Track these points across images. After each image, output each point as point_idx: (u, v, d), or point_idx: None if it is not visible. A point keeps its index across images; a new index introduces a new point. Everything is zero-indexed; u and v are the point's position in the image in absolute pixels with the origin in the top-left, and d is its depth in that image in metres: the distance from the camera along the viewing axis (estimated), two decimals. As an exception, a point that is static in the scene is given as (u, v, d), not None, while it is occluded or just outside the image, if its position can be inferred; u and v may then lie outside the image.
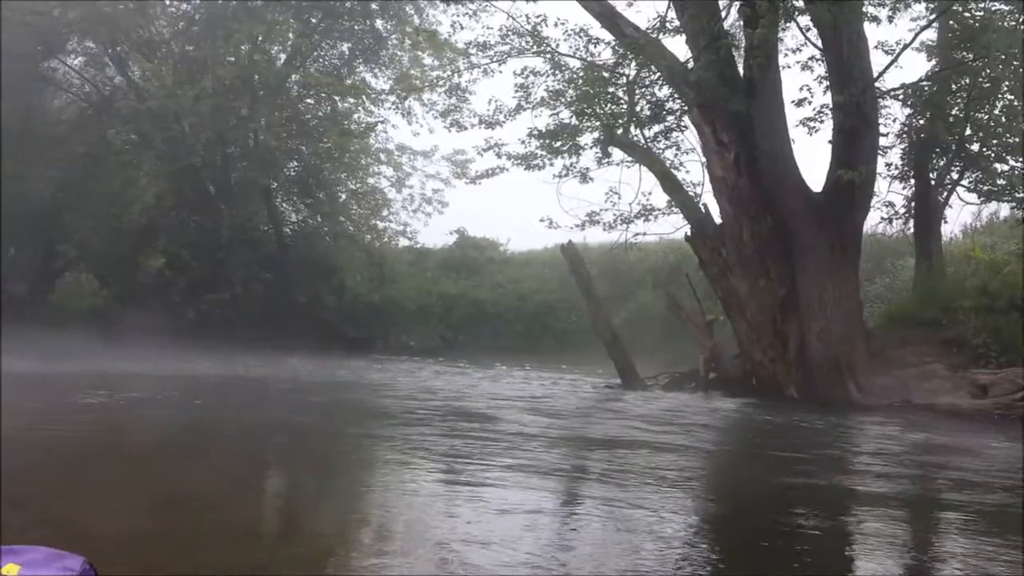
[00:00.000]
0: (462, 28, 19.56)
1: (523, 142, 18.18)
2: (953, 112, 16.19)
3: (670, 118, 17.41)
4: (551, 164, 18.05)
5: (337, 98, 26.47)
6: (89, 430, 7.66)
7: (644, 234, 18.09)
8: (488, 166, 19.42)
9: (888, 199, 16.67)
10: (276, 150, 25.51)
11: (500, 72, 19.31)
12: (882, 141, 15.40)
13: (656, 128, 17.51)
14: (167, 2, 25.63)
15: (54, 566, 1.44)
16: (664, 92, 17.30)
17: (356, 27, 26.01)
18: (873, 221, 17.15)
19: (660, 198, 17.41)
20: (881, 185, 16.08)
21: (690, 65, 15.57)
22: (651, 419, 10.26)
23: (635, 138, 17.59)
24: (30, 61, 24.70)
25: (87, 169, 23.29)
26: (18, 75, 24.33)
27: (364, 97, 26.63)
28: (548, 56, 18.16)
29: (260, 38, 24.59)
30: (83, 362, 16.22)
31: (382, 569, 3.36)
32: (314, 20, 25.52)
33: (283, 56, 26.42)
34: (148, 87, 23.95)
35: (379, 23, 26.08)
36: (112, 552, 3.19)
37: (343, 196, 28.67)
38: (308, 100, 26.86)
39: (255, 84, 24.73)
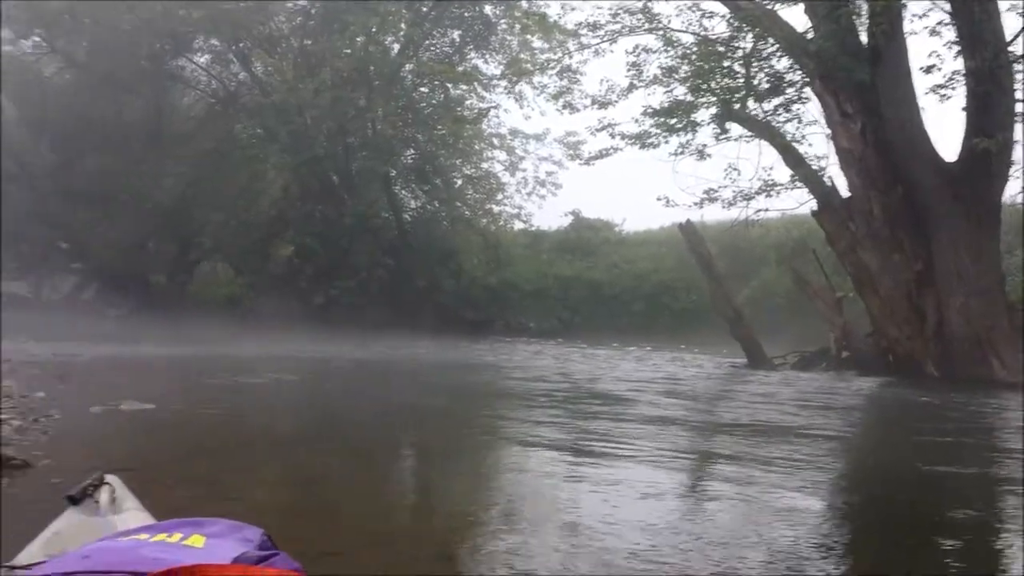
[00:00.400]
0: (572, 9, 19.47)
1: (637, 121, 17.97)
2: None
3: (790, 90, 16.84)
4: (666, 142, 17.79)
5: (449, 85, 26.85)
6: (245, 410, 8.09)
7: (766, 210, 17.61)
8: (601, 146, 19.33)
9: (1028, 167, 15.67)
10: (393, 139, 26.12)
11: (611, 51, 19.14)
12: (1020, 108, 14.47)
13: (775, 101, 16.97)
14: (286, -2, 26.50)
15: (235, 537, 1.47)
16: (783, 64, 16.75)
17: (466, 14, 26.29)
18: (1013, 190, 16.14)
19: (781, 173, 16.92)
20: (1020, 153, 15.16)
21: (809, 35, 15.04)
22: (790, 400, 9.98)
23: (753, 112, 17.12)
24: (158, 60, 26.10)
25: (216, 164, 24.43)
26: (147, 74, 25.78)
27: (476, 83, 26.92)
28: (660, 33, 17.86)
29: (374, 29, 25.17)
30: (224, 346, 17.13)
31: (518, 549, 3.42)
32: (425, 9, 25.93)
33: (396, 46, 26.98)
34: (271, 82, 24.93)
35: (488, 8, 26.29)
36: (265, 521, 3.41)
37: (459, 182, 29.12)
38: (422, 88, 27.33)
39: (371, 75, 25.36)
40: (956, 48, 13.90)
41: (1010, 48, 13.75)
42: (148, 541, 1.43)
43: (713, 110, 17.18)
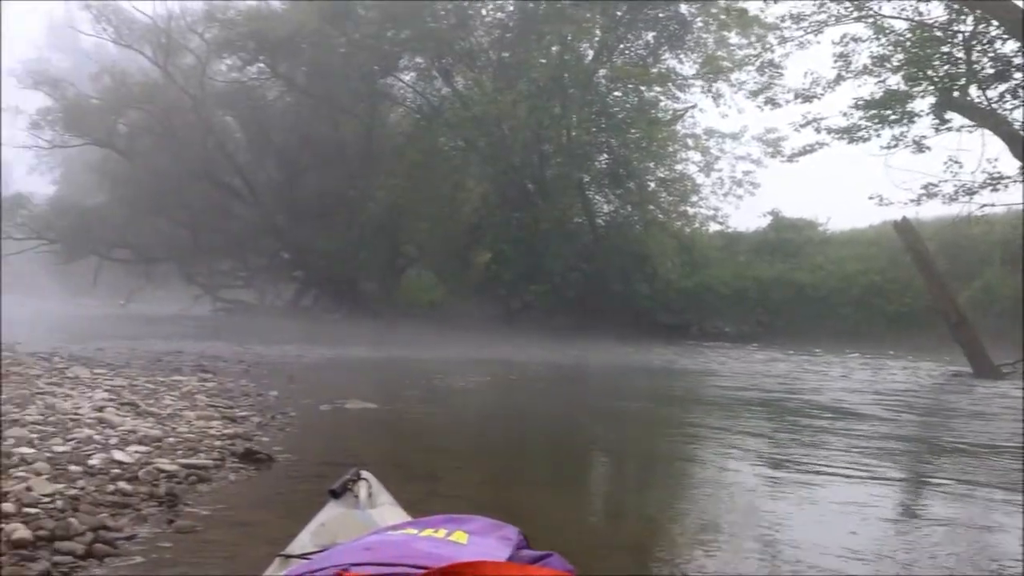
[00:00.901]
0: (776, 2, 18.83)
1: (845, 114, 17.12)
2: None
3: (1017, 75, 15.43)
4: (878, 135, 16.83)
5: (643, 88, 26.66)
6: (455, 411, 8.50)
7: (991, 205, 16.23)
8: (805, 142, 18.57)
9: None
10: (587, 144, 26.31)
11: (817, 43, 18.35)
12: None
13: (1001, 87, 15.61)
14: (484, 13, 27.37)
15: (495, 535, 1.48)
16: (1009, 47, 15.38)
17: (660, 14, 26.03)
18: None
19: (1008, 164, 15.52)
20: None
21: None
22: None
23: (976, 100, 15.84)
24: (369, 80, 27.83)
25: (422, 176, 25.63)
26: (360, 94, 27.55)
27: (670, 84, 26.58)
28: (870, 20, 16.91)
29: (569, 37, 25.51)
30: (429, 350, 17.96)
31: (712, 559, 3.38)
32: (619, 13, 25.93)
33: (590, 52, 27.17)
34: (471, 95, 25.87)
35: (683, 7, 25.89)
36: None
37: (652, 184, 28.82)
38: (616, 93, 27.31)
39: (565, 82, 25.71)
40: None
41: None
42: (419, 536, 1.50)
43: (931, 99, 16.05)
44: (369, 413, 7.57)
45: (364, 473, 2.31)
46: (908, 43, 16.55)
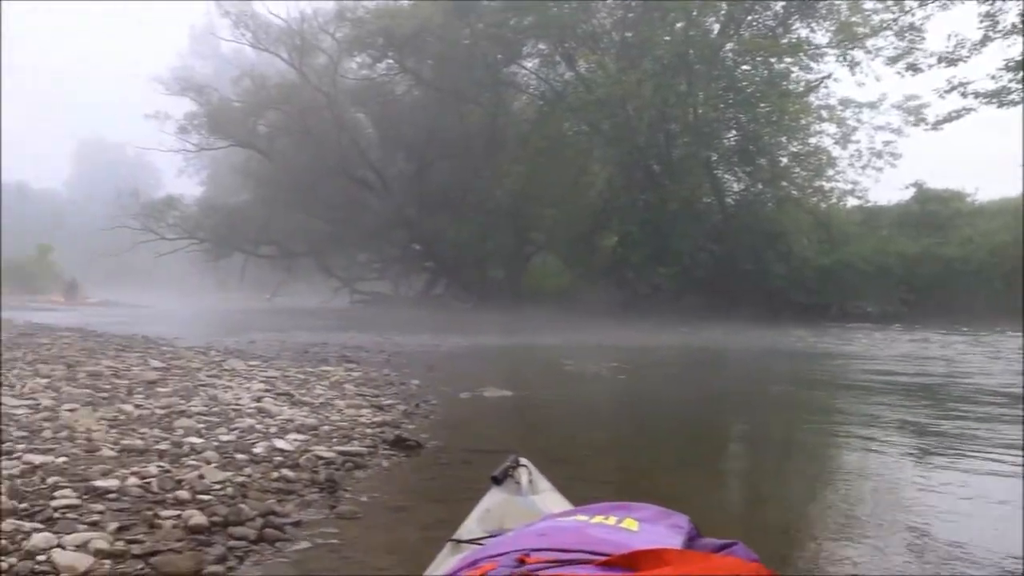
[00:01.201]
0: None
1: (993, 77, 16.02)
2: None
3: None
4: (1031, 97, 15.64)
5: (773, 60, 25.75)
6: (590, 397, 8.51)
7: None
8: (950, 109, 17.48)
9: None
10: (715, 121, 25.68)
11: (960, 3, 17.21)
12: None
13: None
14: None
15: (665, 523, 1.45)
16: None
17: (790, -18, 25.08)
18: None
19: None
20: None
21: None
22: None
23: None
24: (493, 70, 28.10)
25: (547, 162, 25.68)
26: (484, 84, 27.85)
27: (802, 54, 25.56)
28: (1021, -26, 15.74)
29: (695, 13, 24.90)
30: (557, 336, 18.03)
31: (860, 550, 3.24)
32: (747, -16, 25.14)
33: (716, 26, 26.45)
34: (594, 78, 25.68)
35: (815, -27, 24.84)
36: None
37: (784, 160, 27.86)
38: (744, 67, 26.51)
39: (691, 59, 25.14)
40: None
41: None
42: (590, 523, 1.50)
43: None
44: (506, 400, 7.67)
45: (523, 460, 2.34)
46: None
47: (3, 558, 2.65)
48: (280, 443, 4.68)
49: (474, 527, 2.06)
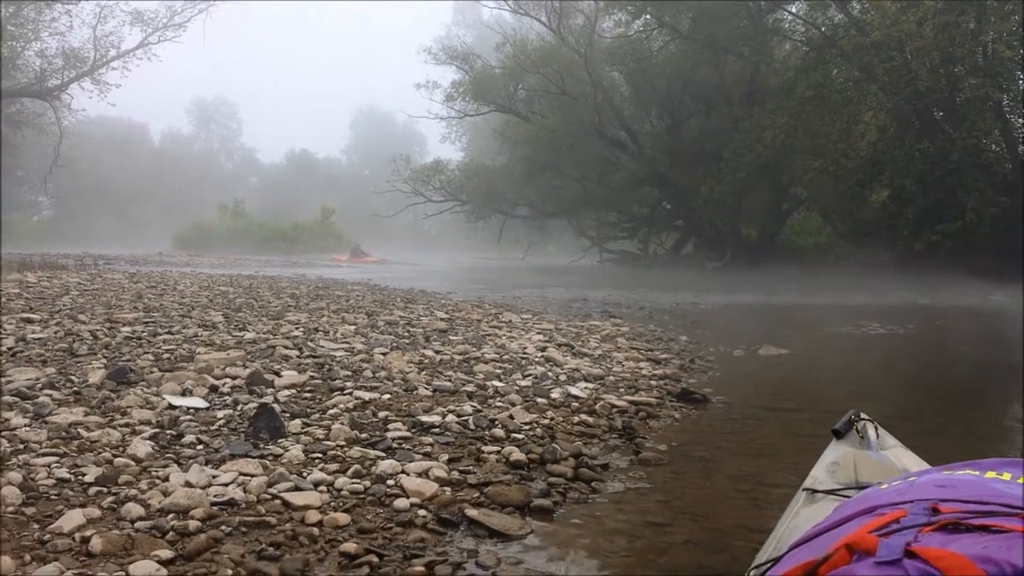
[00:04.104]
0: None
1: None
2: None
3: None
4: None
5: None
6: (871, 357, 8.06)
7: None
8: None
9: None
10: (1009, 61, 22.85)
11: None
12: None
13: None
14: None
15: None
16: None
17: None
18: None
19: None
20: None
21: None
22: None
23: None
24: (756, 18, 26.86)
25: (813, 112, 24.23)
26: (746, 33, 26.70)
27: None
28: None
29: (986, -61, 22.19)
30: (817, 296, 17.16)
31: None
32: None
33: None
34: (869, 19, 23.76)
35: None
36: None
37: (1097, 99, 24.24)
38: (1046, -4, 23.27)
39: (983, -8, 22.48)
40: None
41: None
42: (983, 477, 1.46)
43: None
44: (784, 359, 7.44)
45: (863, 414, 2.29)
46: None
47: (357, 480, 2.99)
48: (574, 390, 4.87)
49: (824, 478, 2.05)
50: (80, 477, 2.81)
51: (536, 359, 5.95)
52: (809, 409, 5.15)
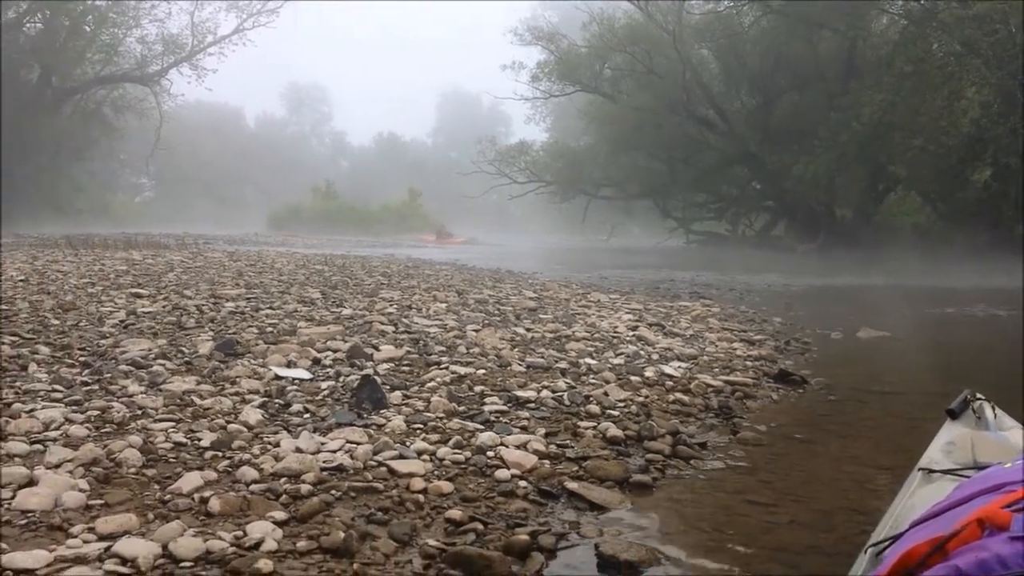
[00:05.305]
0: None
1: None
2: None
3: None
4: None
5: None
6: (977, 341, 7.75)
7: None
8: None
9: None
10: (1124, 30, 21.46)
11: None
12: None
13: None
14: None
15: None
16: None
17: None
18: None
19: None
20: None
21: None
22: None
23: None
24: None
25: (912, 87, 23.28)
26: (842, 7, 25.74)
27: None
28: None
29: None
30: (915, 277, 16.55)
31: None
32: None
33: None
34: (974, -10, 22.66)
35: None
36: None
37: None
38: None
39: (1100, -43, 21.12)
40: None
41: None
42: None
43: None
44: (884, 341, 7.22)
45: (979, 395, 2.23)
46: None
47: (459, 451, 3.04)
48: (667, 369, 4.84)
49: (940, 459, 2.00)
50: (196, 442, 2.94)
51: (627, 338, 5.93)
52: (912, 392, 4.99)
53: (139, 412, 3.27)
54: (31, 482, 2.43)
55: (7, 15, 36.29)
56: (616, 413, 3.76)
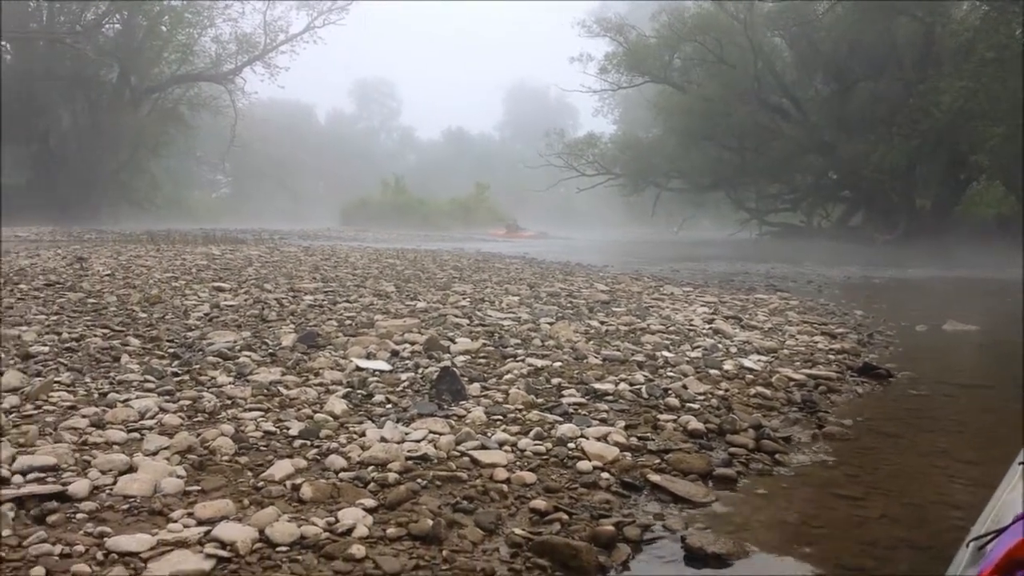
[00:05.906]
0: None
1: None
2: None
3: None
4: None
5: None
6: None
7: None
8: None
9: None
10: None
11: None
12: None
13: None
14: None
15: None
16: None
17: None
18: None
19: None
20: None
21: None
22: None
23: None
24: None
25: (994, 74, 22.38)
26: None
27: None
28: None
29: None
30: (999, 270, 15.92)
31: None
32: None
33: None
34: (1061, -29, 21.65)
35: None
36: None
37: None
38: None
39: None
40: None
41: None
42: None
43: None
44: (971, 335, 6.98)
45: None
46: None
47: (539, 442, 3.05)
48: (746, 362, 4.76)
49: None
50: (285, 431, 3.01)
51: (704, 331, 5.85)
52: (1003, 386, 4.82)
53: (228, 402, 3.37)
54: (131, 468, 2.53)
55: (87, 17, 37.68)
56: (696, 406, 3.71)
